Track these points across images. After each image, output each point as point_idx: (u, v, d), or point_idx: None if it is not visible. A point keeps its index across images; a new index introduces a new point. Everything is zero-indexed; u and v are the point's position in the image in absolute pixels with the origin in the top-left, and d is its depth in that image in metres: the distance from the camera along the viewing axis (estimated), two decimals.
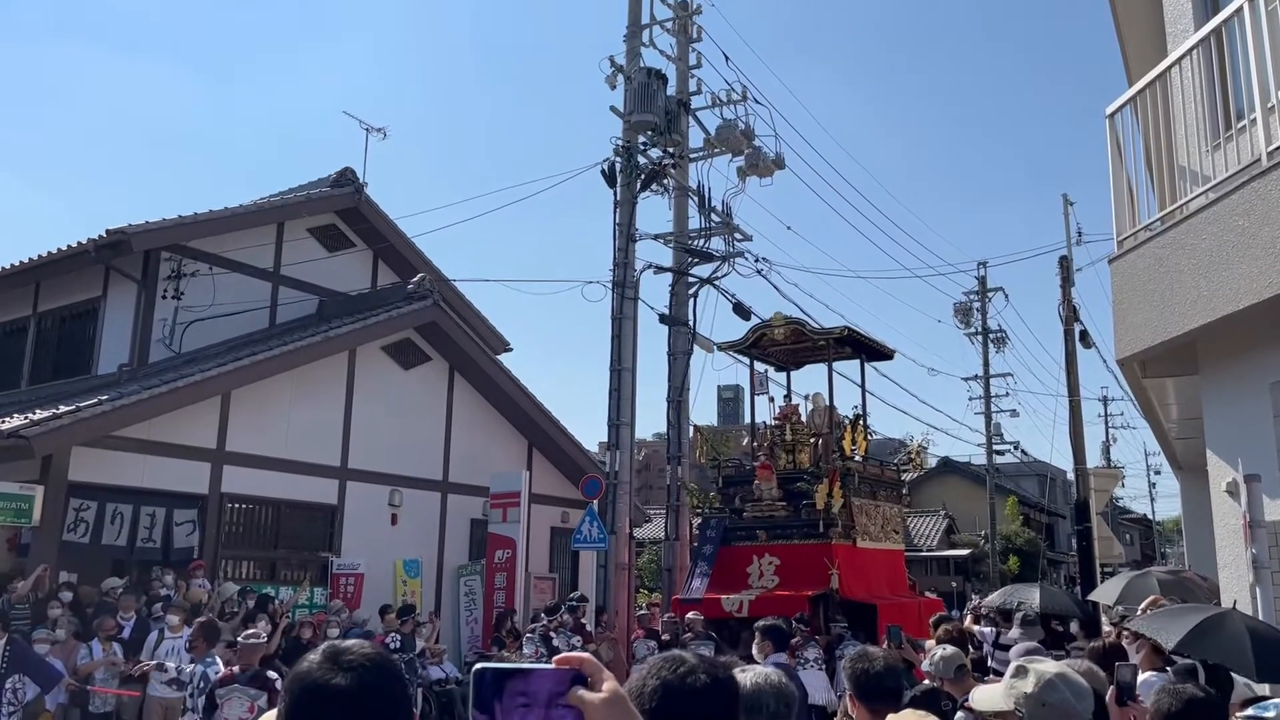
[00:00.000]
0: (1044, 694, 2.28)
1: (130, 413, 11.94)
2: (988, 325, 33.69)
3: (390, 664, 1.57)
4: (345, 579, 14.22)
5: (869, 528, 13.53)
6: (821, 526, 12.59)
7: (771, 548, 12.92)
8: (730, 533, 13.32)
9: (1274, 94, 5.18)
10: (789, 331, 14.06)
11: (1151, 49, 8.21)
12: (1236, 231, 5.20)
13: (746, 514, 13.36)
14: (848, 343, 14.38)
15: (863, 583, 12.82)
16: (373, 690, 1.50)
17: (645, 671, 1.73)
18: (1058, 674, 2.30)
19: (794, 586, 12.22)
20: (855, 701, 3.80)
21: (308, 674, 1.51)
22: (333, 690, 1.48)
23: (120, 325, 14.68)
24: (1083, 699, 2.29)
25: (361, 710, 1.48)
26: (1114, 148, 6.57)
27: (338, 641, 1.60)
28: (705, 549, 13.29)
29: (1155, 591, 8.54)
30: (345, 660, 1.51)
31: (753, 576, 12.85)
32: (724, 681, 1.71)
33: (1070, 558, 31.85)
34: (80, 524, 11.86)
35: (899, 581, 14.34)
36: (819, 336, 14.02)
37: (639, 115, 16.06)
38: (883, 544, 14.01)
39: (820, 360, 14.87)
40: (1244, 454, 5.40)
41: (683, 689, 1.67)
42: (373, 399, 15.61)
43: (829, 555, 12.30)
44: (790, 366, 15.83)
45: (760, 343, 14.67)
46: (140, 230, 13.68)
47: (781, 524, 12.98)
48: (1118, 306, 6.42)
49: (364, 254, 17.79)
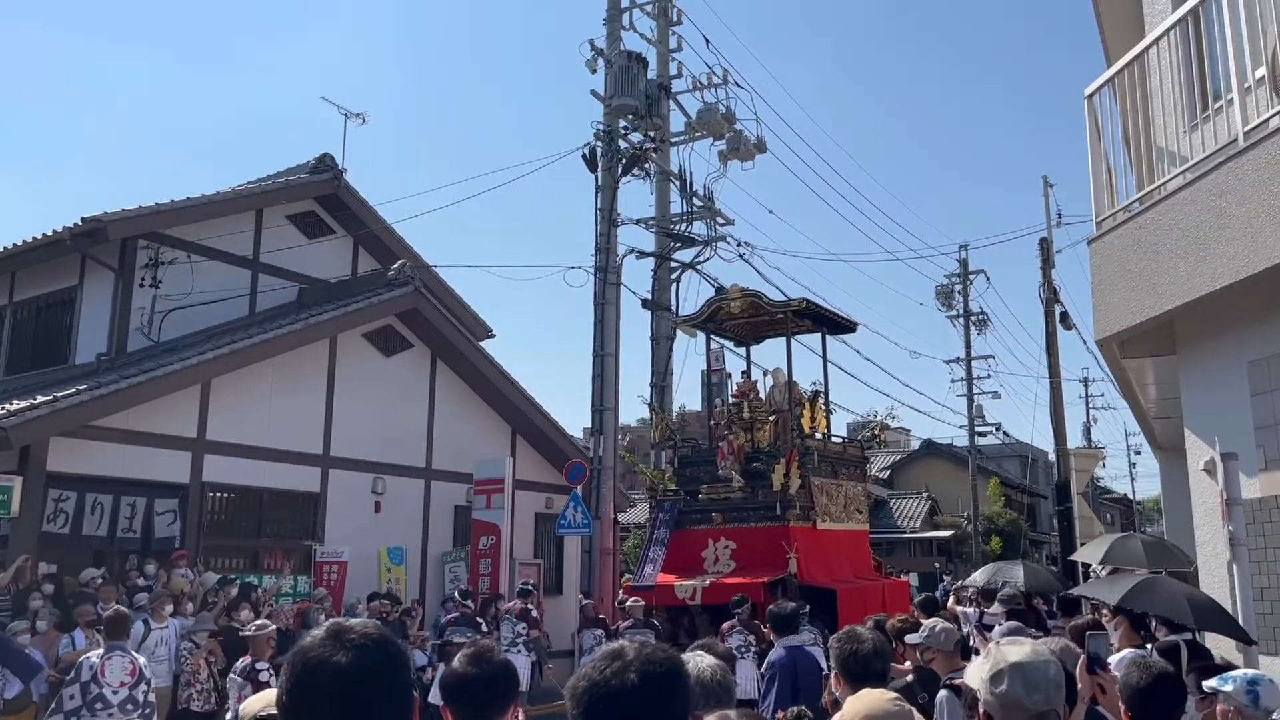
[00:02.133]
0: (993, 683, 2.25)
1: (109, 402, 11.84)
2: (969, 308, 33.88)
3: (393, 645, 1.56)
4: (329, 567, 14.17)
5: (830, 508, 13.01)
6: (779, 508, 12.07)
7: (727, 531, 12.39)
8: (685, 516, 12.80)
9: (1250, 74, 5.19)
10: (746, 304, 13.46)
11: (1130, 30, 8.22)
12: (1214, 211, 5.22)
13: (702, 496, 12.79)
14: (807, 315, 13.80)
15: (823, 566, 12.31)
16: (372, 670, 1.49)
17: (579, 671, 1.65)
18: (1013, 663, 2.25)
19: (751, 571, 11.71)
20: (841, 681, 3.82)
21: (309, 650, 1.51)
22: (332, 667, 1.47)
23: (97, 314, 14.54)
24: (1036, 690, 2.21)
25: (359, 689, 1.47)
26: (1092, 129, 6.58)
27: (343, 620, 1.59)
28: (659, 533, 12.77)
29: (1139, 552, 8.66)
30: (348, 639, 1.51)
31: (708, 561, 12.33)
32: (661, 676, 1.58)
33: (1052, 538, 32.13)
34: (60, 514, 11.77)
35: (863, 563, 13.82)
36: (777, 309, 13.41)
37: (619, 99, 16.02)
38: (845, 525, 13.46)
39: (781, 334, 14.20)
40: (1221, 433, 5.44)
41: (612, 690, 1.55)
42: (354, 386, 15.54)
43: (787, 538, 11.81)
44: (750, 341, 15.23)
45: (717, 316, 14.02)
46: (116, 218, 13.55)
47: (738, 506, 12.44)
48: (1097, 287, 6.44)
49: (344, 240, 17.67)
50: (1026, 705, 2.18)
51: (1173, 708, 3.25)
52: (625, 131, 16.42)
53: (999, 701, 2.22)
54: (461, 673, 2.45)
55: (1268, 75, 5.07)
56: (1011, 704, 2.20)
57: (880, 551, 35.21)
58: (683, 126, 17.58)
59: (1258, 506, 5.30)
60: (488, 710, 2.44)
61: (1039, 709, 2.20)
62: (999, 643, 2.45)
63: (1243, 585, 4.83)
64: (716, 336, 15.27)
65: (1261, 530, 5.28)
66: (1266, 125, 4.96)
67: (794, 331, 13.99)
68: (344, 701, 1.46)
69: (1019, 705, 2.19)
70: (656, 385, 16.70)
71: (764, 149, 17.69)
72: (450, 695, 2.48)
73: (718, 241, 17.30)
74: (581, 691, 1.58)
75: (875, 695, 2.48)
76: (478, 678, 2.43)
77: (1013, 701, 2.20)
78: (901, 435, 46.32)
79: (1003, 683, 2.21)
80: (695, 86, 17.53)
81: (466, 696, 2.44)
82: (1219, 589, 5.65)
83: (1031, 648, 2.34)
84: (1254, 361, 5.45)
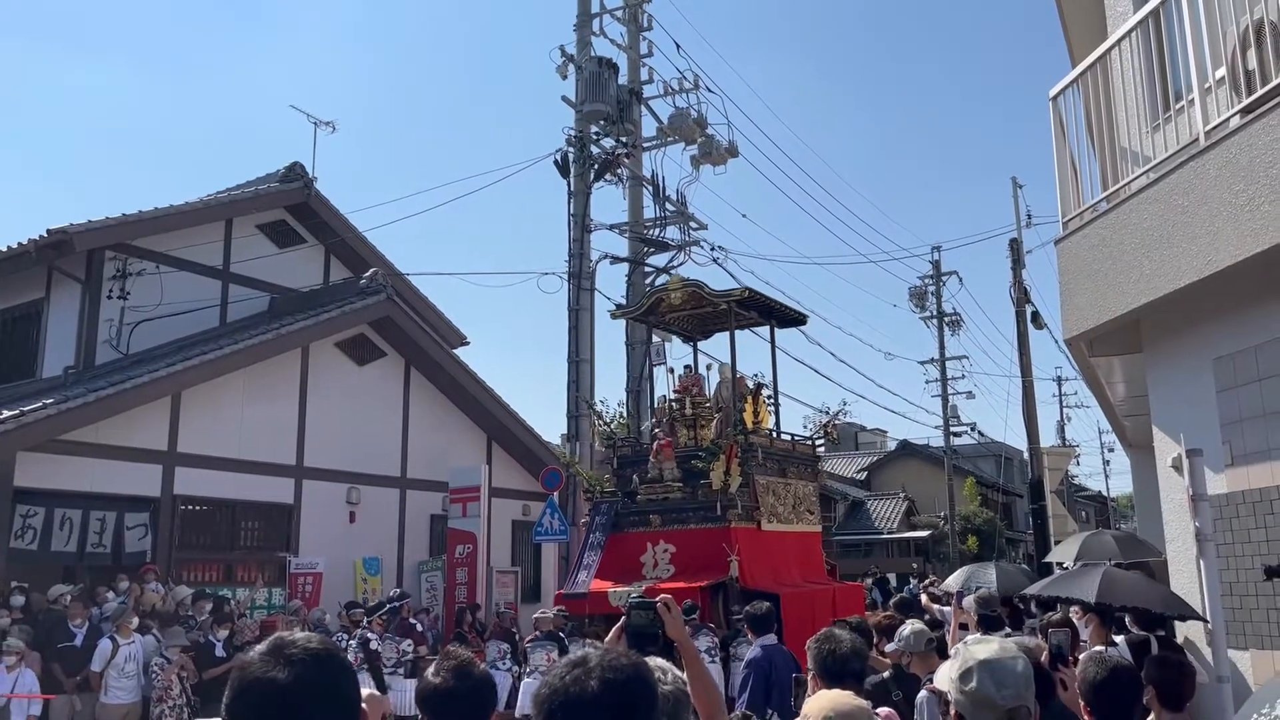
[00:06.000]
0: (962, 681, 2.26)
1: (77, 416, 11.70)
2: (943, 309, 34.08)
3: (335, 658, 1.52)
4: (303, 579, 14.06)
5: (777, 508, 12.25)
6: (719, 509, 11.30)
7: (667, 534, 11.62)
8: (623, 518, 11.99)
9: (1211, 75, 5.25)
10: (687, 294, 12.58)
11: (1093, 32, 8.30)
12: (1177, 210, 5.27)
13: (640, 497, 11.96)
14: (753, 306, 12.95)
15: (768, 569, 11.58)
16: (312, 686, 1.45)
17: (542, 679, 1.64)
18: (982, 661, 2.26)
19: (690, 576, 10.97)
20: (819, 682, 3.83)
21: (247, 666, 1.48)
22: (268, 684, 1.44)
23: (64, 327, 14.37)
24: (1006, 686, 2.22)
25: (299, 705, 1.44)
26: (1058, 130, 6.64)
27: (285, 633, 1.56)
28: (594, 536, 12.00)
29: (1111, 547, 8.75)
30: (287, 654, 1.47)
31: (647, 566, 11.57)
32: (623, 683, 1.56)
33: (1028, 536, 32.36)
34: (28, 530, 11.60)
35: (814, 566, 12.98)
36: (719, 298, 12.51)
37: (591, 104, 16.01)
38: (794, 526, 12.62)
39: (727, 328, 13.25)
40: (1187, 429, 5.49)
41: (571, 697, 1.54)
42: (328, 396, 15.44)
43: (728, 540, 11.05)
44: (698, 336, 14.35)
45: (658, 309, 13.10)
46: (83, 229, 13.40)
47: (677, 507, 11.63)
48: (1064, 287, 6.49)
49: (315, 250, 17.56)
50: (997, 702, 2.19)
51: (1130, 702, 3.29)
52: (597, 137, 16.41)
53: (969, 700, 2.22)
54: (441, 685, 2.45)
55: (1227, 76, 5.13)
56: (982, 701, 2.20)
57: (858, 553, 35.44)
58: (655, 131, 17.60)
59: (1224, 502, 5.34)
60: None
61: (1009, 705, 2.20)
62: (967, 642, 2.46)
63: (1210, 580, 4.87)
64: (661, 330, 14.54)
65: (1229, 525, 5.33)
66: (1227, 125, 5.02)
67: (741, 324, 13.33)
68: (283, 718, 1.43)
69: (989, 702, 2.19)
70: (633, 390, 16.67)
71: (736, 153, 17.72)
72: (428, 707, 2.47)
73: (691, 246, 17.32)
74: (543, 699, 1.56)
75: (834, 694, 2.48)
76: (458, 691, 2.43)
77: (983, 699, 2.20)
78: (878, 436, 46.55)
79: (972, 680, 2.22)
80: (667, 91, 17.54)
81: (445, 709, 2.44)
82: (1188, 584, 5.70)
83: (999, 645, 2.35)
84: (1219, 358, 5.50)
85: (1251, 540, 5.21)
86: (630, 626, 2.72)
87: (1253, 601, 5.21)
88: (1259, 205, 4.67)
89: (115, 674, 9.83)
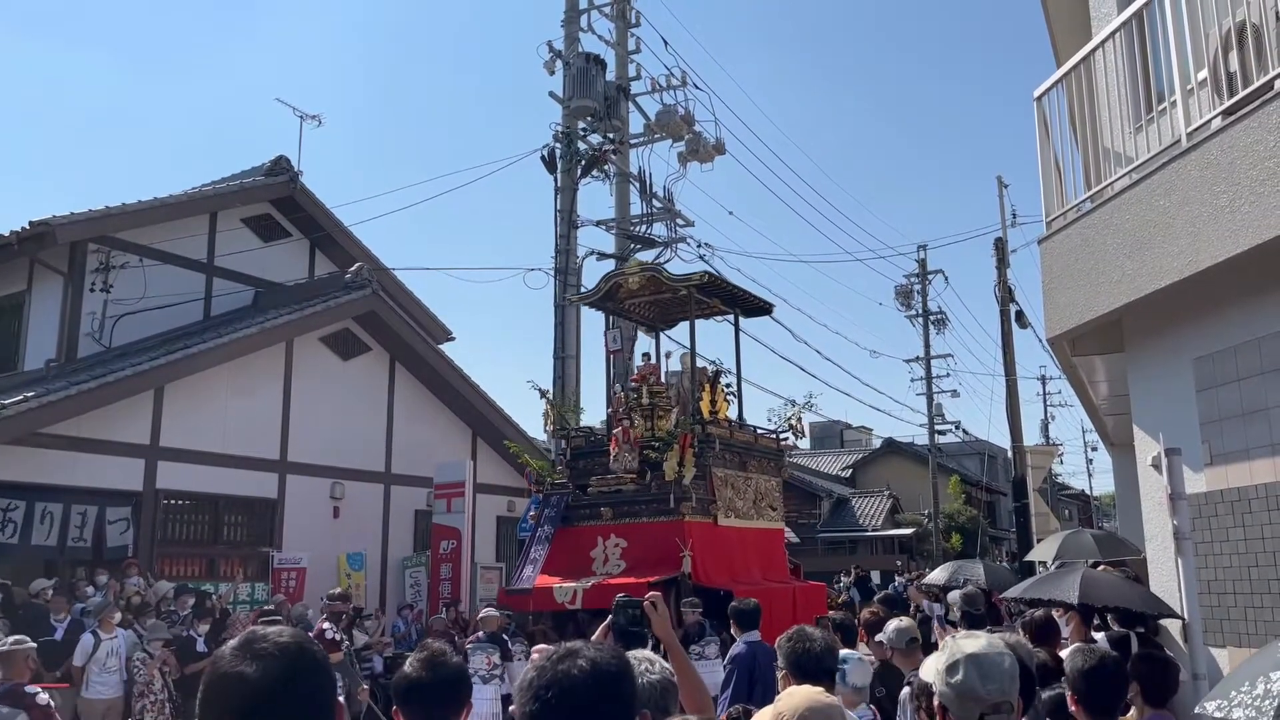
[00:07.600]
0: (949, 674, 2.28)
1: (58, 409, 11.62)
2: (928, 307, 34.21)
3: (308, 653, 1.51)
4: (287, 574, 14.01)
5: (736, 503, 11.75)
6: (672, 501, 10.78)
7: (618, 527, 11.12)
8: (573, 511, 11.49)
9: (1193, 76, 5.29)
10: (645, 280, 12.12)
11: (1078, 33, 8.35)
12: (1159, 211, 5.31)
13: (592, 489, 11.46)
14: (714, 292, 12.42)
15: (723, 566, 11.10)
16: (283, 681, 1.45)
17: (528, 666, 1.71)
18: (969, 654, 2.28)
19: (640, 571, 10.47)
20: (790, 679, 3.84)
21: (218, 661, 1.48)
22: (238, 679, 1.44)
23: (46, 320, 14.28)
24: (991, 680, 2.24)
25: (269, 701, 1.43)
26: (1042, 130, 6.67)
27: (257, 628, 1.55)
28: (542, 530, 11.49)
29: (1090, 546, 8.81)
30: (257, 649, 1.47)
31: (597, 561, 11.09)
32: (610, 674, 1.65)
33: (1012, 534, 32.54)
34: (8, 524, 11.53)
35: (775, 564, 12.49)
36: (679, 283, 12.03)
37: (578, 101, 15.99)
38: (754, 522, 12.08)
39: (696, 316, 12.81)
40: (1166, 429, 5.53)
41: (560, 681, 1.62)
42: (312, 391, 15.38)
43: (681, 534, 10.60)
44: (661, 325, 13.91)
45: (617, 295, 12.55)
46: (65, 221, 13.32)
47: (629, 499, 11.11)
48: (1047, 286, 6.53)
49: (300, 243, 17.49)
50: (981, 695, 2.21)
51: (1117, 688, 3.34)
52: (584, 133, 16.40)
53: (954, 692, 2.24)
54: (415, 677, 2.46)
55: (1209, 77, 5.17)
56: (967, 694, 2.22)
57: (843, 550, 35.51)
58: (642, 128, 17.59)
59: (1203, 501, 5.39)
60: (439, 713, 2.44)
61: (994, 699, 2.22)
62: (955, 636, 2.48)
63: (1188, 579, 4.91)
64: (621, 318, 14.01)
65: (1207, 524, 5.38)
66: (1208, 126, 5.06)
67: (703, 313, 12.88)
68: (251, 714, 1.43)
69: (974, 695, 2.21)
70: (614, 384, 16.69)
71: (723, 150, 17.74)
72: (402, 698, 2.49)
73: (678, 243, 17.32)
74: (530, 683, 1.63)
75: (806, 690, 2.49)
76: (430, 682, 2.44)
77: (968, 692, 2.22)
78: (863, 434, 46.69)
79: (958, 673, 2.24)
80: (654, 88, 17.54)
81: (418, 700, 2.46)
82: (1167, 582, 5.74)
83: (987, 640, 2.37)
84: (1199, 358, 5.55)
85: (1230, 539, 5.26)
86: (617, 625, 2.75)
87: (1230, 600, 5.26)
88: (1239, 206, 4.70)
89: (97, 669, 9.78)
